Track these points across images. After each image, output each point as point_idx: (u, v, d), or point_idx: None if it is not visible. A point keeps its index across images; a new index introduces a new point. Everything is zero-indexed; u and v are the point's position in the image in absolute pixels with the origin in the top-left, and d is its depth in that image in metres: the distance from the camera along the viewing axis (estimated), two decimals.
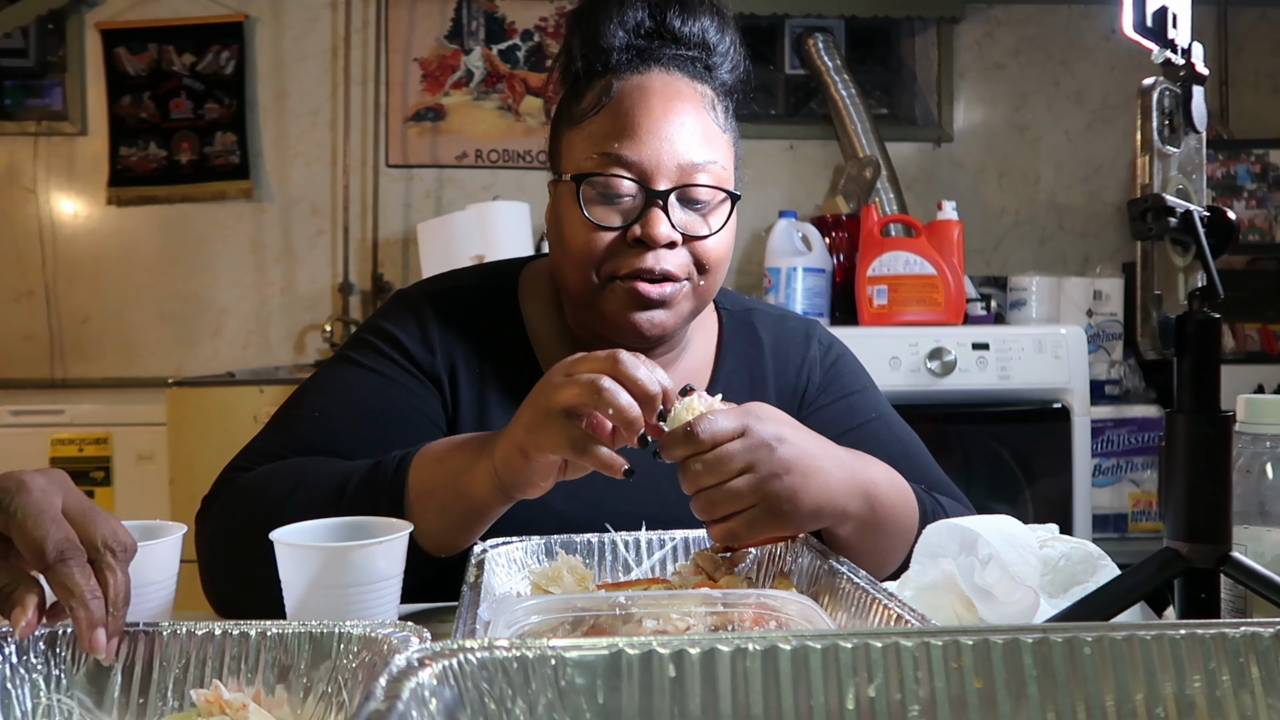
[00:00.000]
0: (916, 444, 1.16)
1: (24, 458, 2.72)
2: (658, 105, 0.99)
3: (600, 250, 0.99)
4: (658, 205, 0.97)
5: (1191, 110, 0.73)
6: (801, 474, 0.82)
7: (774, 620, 0.69)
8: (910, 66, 3.63)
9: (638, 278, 0.98)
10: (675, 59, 1.02)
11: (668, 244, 0.98)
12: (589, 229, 0.99)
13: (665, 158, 0.98)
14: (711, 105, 1.03)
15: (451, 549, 0.90)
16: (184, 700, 0.65)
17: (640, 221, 0.97)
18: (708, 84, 1.03)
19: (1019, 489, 2.52)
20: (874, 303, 2.60)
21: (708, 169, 1.00)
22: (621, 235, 0.98)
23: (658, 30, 1.02)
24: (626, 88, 1.00)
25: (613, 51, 1.01)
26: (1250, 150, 3.23)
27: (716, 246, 1.01)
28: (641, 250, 0.98)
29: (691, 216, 1.00)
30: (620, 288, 0.99)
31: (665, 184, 0.98)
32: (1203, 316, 0.72)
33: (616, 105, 1.00)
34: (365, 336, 1.09)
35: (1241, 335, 3.20)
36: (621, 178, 0.98)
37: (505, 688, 0.49)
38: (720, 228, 1.01)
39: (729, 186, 1.02)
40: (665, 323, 1.01)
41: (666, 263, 0.98)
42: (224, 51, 3.30)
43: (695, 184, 0.99)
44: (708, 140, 1.00)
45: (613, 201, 0.99)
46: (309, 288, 3.34)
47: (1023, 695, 0.51)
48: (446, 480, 0.87)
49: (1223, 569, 0.72)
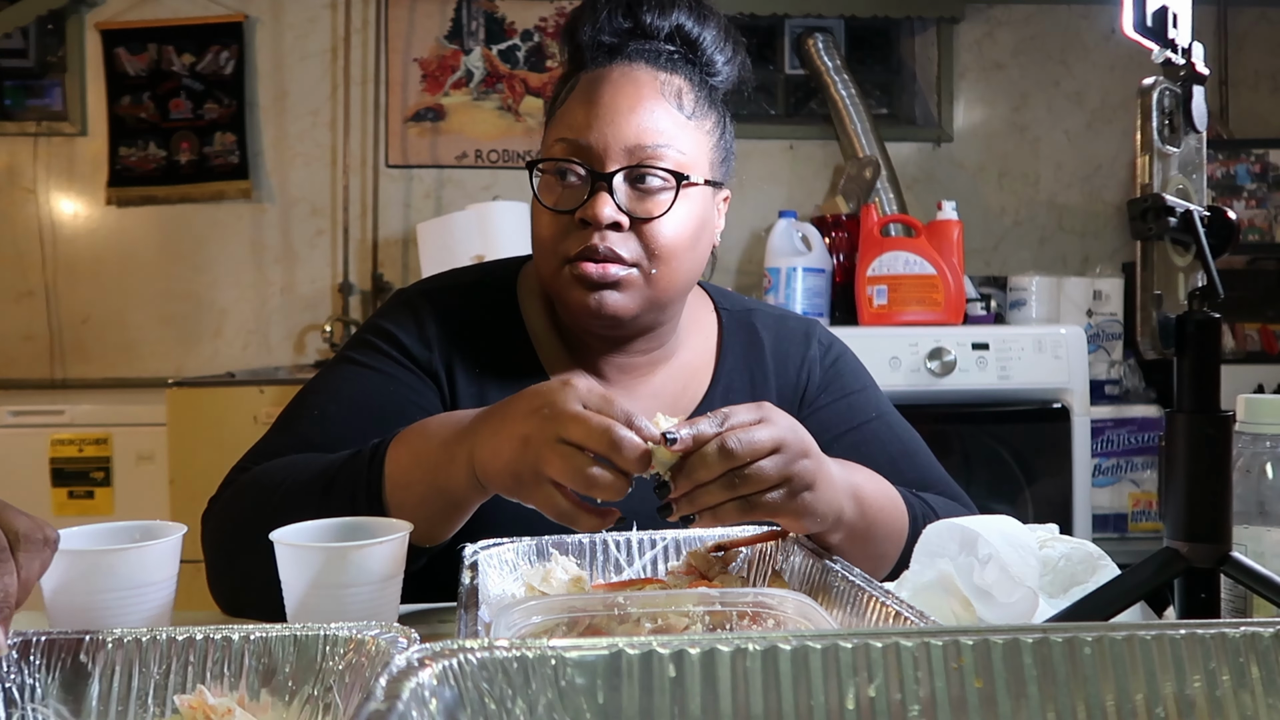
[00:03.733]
0: (917, 443, 1.16)
1: (24, 458, 2.72)
2: (607, 91, 1.01)
3: (556, 235, 1.01)
4: (602, 187, 0.99)
5: (1191, 110, 0.73)
6: (823, 484, 0.83)
7: (772, 619, 0.69)
8: (910, 66, 3.63)
9: (582, 258, 0.99)
10: (642, 53, 1.04)
11: (611, 225, 0.98)
12: (544, 214, 1.02)
13: (612, 140, 0.99)
14: (677, 94, 1.03)
15: (433, 539, 0.90)
16: (165, 707, 0.63)
17: (585, 203, 0.99)
18: (678, 74, 1.04)
19: (1019, 489, 2.52)
20: (874, 303, 2.60)
21: (661, 153, 1.00)
22: (573, 218, 1.00)
23: (634, 28, 1.04)
24: (587, 80, 1.03)
25: (584, 50, 1.05)
26: (1250, 150, 3.23)
27: (667, 231, 1.00)
28: (588, 231, 0.99)
29: (644, 201, 1.00)
30: (569, 271, 1.00)
31: (613, 166, 0.99)
32: (1203, 316, 0.72)
33: (576, 96, 1.03)
34: (364, 336, 1.10)
35: (1241, 335, 3.20)
36: (569, 161, 1.00)
37: (505, 688, 0.49)
38: (666, 210, 1.00)
39: (689, 173, 1.01)
40: (616, 306, 1.00)
41: (611, 243, 0.98)
42: (224, 51, 3.30)
43: (643, 165, 1.00)
44: (664, 126, 1.01)
45: (568, 188, 1.01)
46: (309, 288, 3.34)
47: (1023, 695, 0.51)
48: (425, 473, 0.87)
49: (1223, 569, 0.72)
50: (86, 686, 0.63)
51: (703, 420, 0.78)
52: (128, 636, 0.64)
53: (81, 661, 0.64)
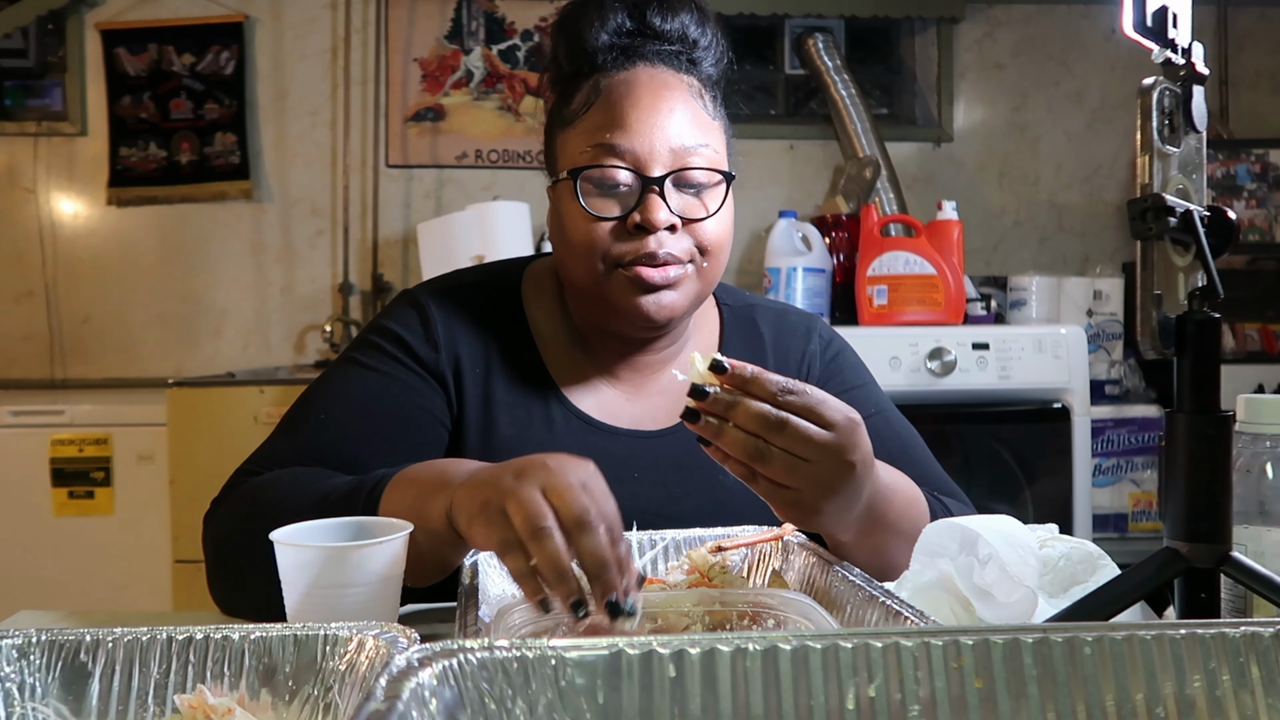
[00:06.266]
0: (916, 440, 1.16)
1: (24, 458, 2.72)
2: (645, 95, 1.01)
3: (602, 241, 1.00)
4: (654, 191, 0.99)
5: (1191, 110, 0.73)
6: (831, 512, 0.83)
7: (772, 619, 0.69)
8: (910, 66, 3.63)
9: (640, 263, 0.99)
10: (658, 54, 1.04)
11: (668, 228, 0.99)
12: (589, 221, 1.00)
13: (658, 144, 1.00)
14: (699, 94, 1.05)
15: (423, 580, 0.88)
16: (165, 706, 0.63)
17: (639, 208, 0.99)
18: (693, 75, 1.06)
19: (1019, 489, 2.52)
20: (874, 303, 2.60)
21: (700, 153, 1.01)
22: (621, 224, 1.00)
23: (639, 29, 1.04)
24: (613, 84, 1.03)
25: (597, 53, 1.04)
26: (1250, 150, 3.23)
27: (716, 228, 1.03)
28: (642, 236, 0.99)
29: (689, 200, 1.02)
30: (624, 275, 1.00)
31: (660, 170, 1.00)
32: (1203, 316, 0.72)
33: (605, 100, 1.02)
34: (369, 337, 1.10)
35: (1241, 335, 3.20)
36: (617, 167, 1.00)
37: (505, 688, 0.49)
38: (718, 209, 1.02)
39: (724, 168, 1.04)
40: (673, 305, 1.02)
41: (668, 246, 1.00)
42: (224, 52, 3.30)
43: (690, 167, 1.01)
44: (698, 126, 1.02)
45: (610, 192, 1.00)
46: (309, 288, 3.34)
47: (1023, 695, 0.51)
48: (412, 506, 0.84)
49: (1223, 569, 0.72)
50: (86, 686, 0.63)
51: (768, 374, 0.78)
52: (128, 636, 0.64)
53: (81, 661, 0.64)
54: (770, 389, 0.78)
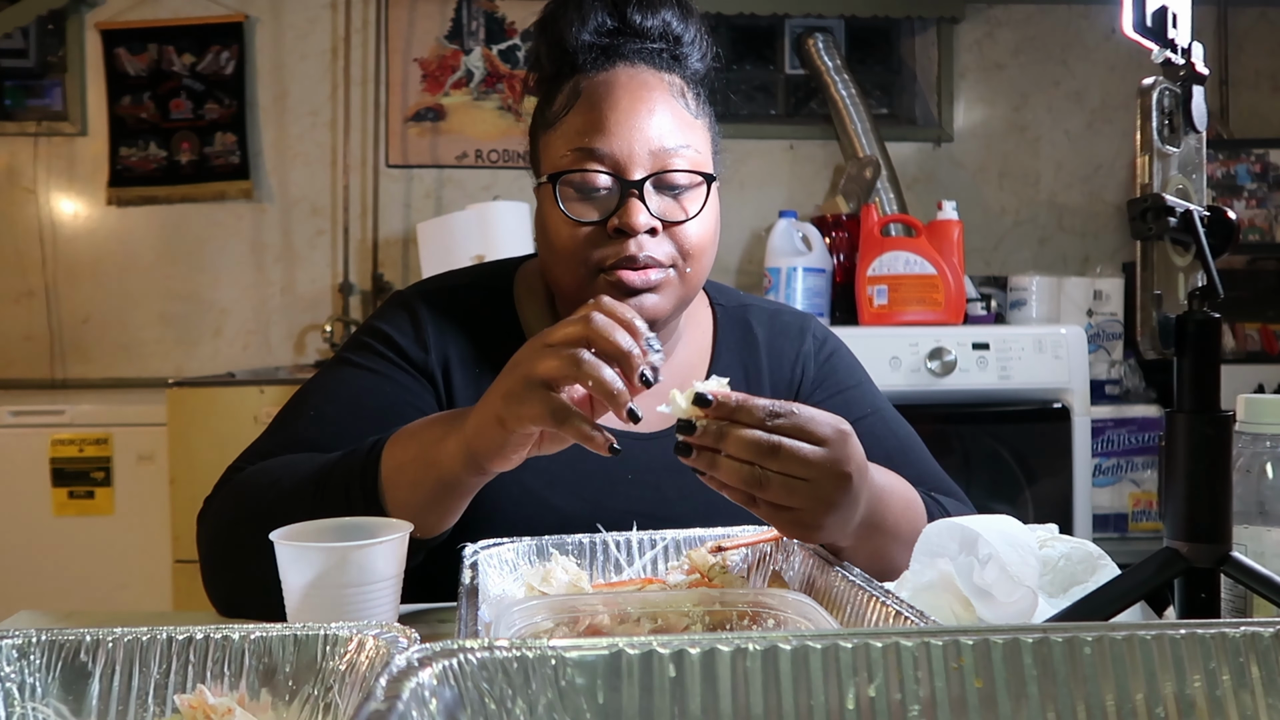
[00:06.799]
0: (913, 439, 1.16)
1: (24, 458, 2.72)
2: (623, 97, 1.00)
3: (583, 245, 1.00)
4: (634, 194, 0.98)
5: (1191, 110, 0.73)
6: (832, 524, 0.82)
7: (772, 619, 0.69)
8: (910, 66, 3.63)
9: (621, 267, 0.99)
10: (639, 53, 1.03)
11: (648, 231, 0.99)
12: (570, 225, 1.00)
13: (637, 146, 0.99)
14: (681, 93, 1.04)
15: (428, 530, 0.89)
16: (165, 706, 0.63)
17: (618, 212, 0.98)
18: (676, 73, 1.05)
19: (1019, 489, 2.52)
20: (874, 303, 2.60)
21: (681, 154, 1.00)
22: (602, 228, 0.99)
23: (620, 27, 1.03)
24: (593, 85, 1.02)
25: (577, 53, 1.03)
26: (1250, 150, 3.23)
27: (698, 230, 1.02)
28: (623, 240, 0.98)
29: (670, 203, 1.01)
30: (606, 280, 1.00)
31: (640, 173, 0.99)
32: (1203, 316, 0.72)
33: (585, 103, 1.01)
34: (360, 337, 1.10)
35: (1241, 335, 3.20)
36: (596, 171, 0.99)
37: (505, 688, 0.49)
38: (699, 211, 1.01)
39: (706, 170, 1.03)
40: (655, 308, 1.01)
41: (649, 250, 0.99)
42: (224, 52, 3.30)
43: (669, 169, 1.00)
44: (679, 126, 1.01)
45: (590, 196, 1.00)
46: (309, 288, 3.34)
47: (1023, 695, 0.51)
48: (417, 454, 0.87)
49: (1223, 569, 0.72)
50: (86, 686, 0.63)
51: (754, 400, 0.78)
52: (128, 635, 0.64)
53: (81, 661, 0.63)
54: (758, 415, 0.77)
